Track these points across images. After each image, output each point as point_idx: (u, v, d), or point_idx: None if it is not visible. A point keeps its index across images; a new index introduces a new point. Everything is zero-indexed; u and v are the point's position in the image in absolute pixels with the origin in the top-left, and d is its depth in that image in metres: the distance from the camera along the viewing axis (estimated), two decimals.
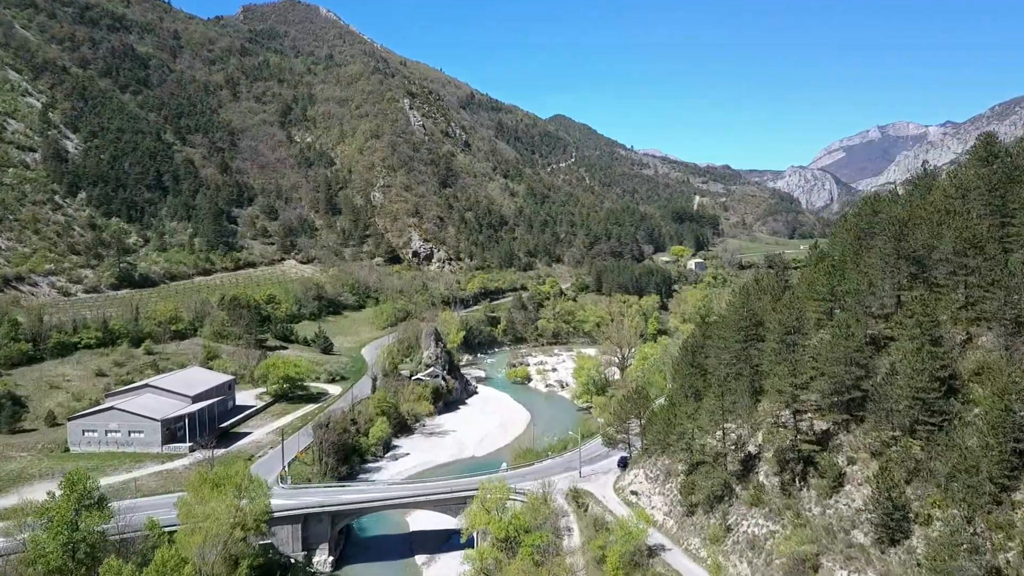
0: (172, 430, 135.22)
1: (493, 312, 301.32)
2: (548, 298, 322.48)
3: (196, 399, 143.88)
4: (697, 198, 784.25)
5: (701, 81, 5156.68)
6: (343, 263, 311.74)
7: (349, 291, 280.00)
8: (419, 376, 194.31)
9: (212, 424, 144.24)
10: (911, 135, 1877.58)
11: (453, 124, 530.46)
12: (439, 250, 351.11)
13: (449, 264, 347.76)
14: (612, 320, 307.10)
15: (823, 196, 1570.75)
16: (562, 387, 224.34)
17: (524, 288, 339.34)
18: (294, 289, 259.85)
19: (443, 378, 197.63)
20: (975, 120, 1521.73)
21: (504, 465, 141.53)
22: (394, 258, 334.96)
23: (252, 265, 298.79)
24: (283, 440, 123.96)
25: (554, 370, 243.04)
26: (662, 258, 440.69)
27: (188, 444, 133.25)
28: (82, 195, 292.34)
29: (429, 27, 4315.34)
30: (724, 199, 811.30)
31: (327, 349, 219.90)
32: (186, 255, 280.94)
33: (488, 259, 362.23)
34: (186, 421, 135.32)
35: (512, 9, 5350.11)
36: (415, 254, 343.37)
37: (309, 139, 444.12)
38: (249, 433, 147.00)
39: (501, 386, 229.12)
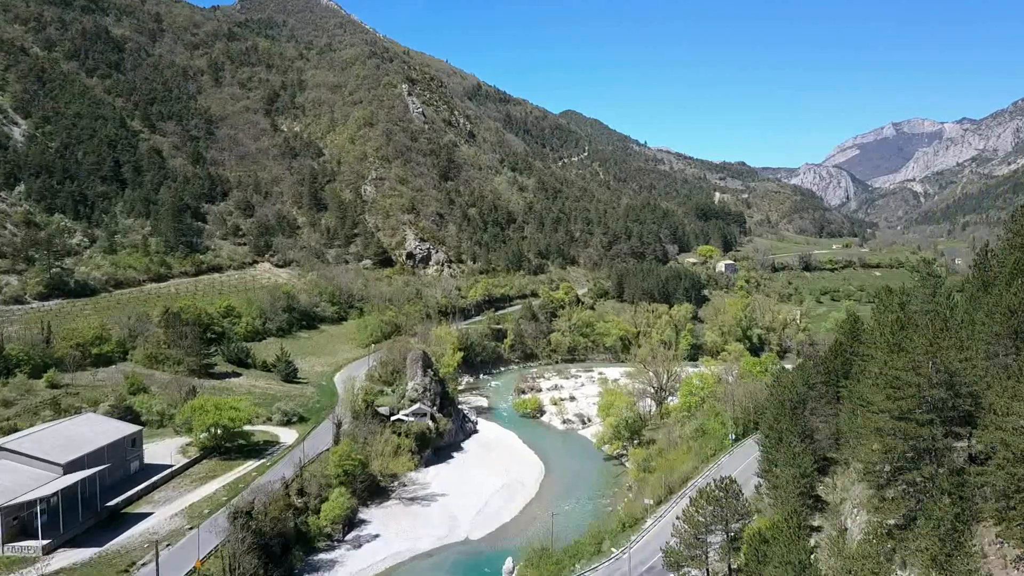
0: (23, 520, 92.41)
1: (498, 323, 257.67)
2: (563, 306, 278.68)
3: (72, 467, 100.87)
4: (717, 195, 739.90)
5: (712, 78, 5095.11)
6: (325, 267, 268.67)
7: (328, 300, 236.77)
8: (401, 415, 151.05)
9: (94, 502, 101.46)
10: (926, 132, 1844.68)
11: (457, 113, 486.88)
12: (437, 251, 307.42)
13: (449, 267, 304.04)
14: (638, 333, 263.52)
15: (839, 194, 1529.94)
16: (583, 423, 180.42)
17: (535, 295, 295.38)
18: (260, 299, 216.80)
19: (432, 416, 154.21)
20: (997, 115, 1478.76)
21: (509, 564, 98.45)
22: (385, 260, 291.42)
23: (218, 269, 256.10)
24: (157, 552, 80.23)
25: (571, 399, 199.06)
26: (688, 259, 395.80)
27: (43, 542, 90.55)
28: (20, 187, 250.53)
29: (434, 18, 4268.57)
30: (746, 196, 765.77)
31: (290, 376, 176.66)
32: (138, 258, 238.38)
33: (494, 261, 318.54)
34: (39, 505, 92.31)
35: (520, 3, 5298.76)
36: (409, 256, 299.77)
37: (297, 128, 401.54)
38: (150, 514, 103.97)
39: (507, 420, 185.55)
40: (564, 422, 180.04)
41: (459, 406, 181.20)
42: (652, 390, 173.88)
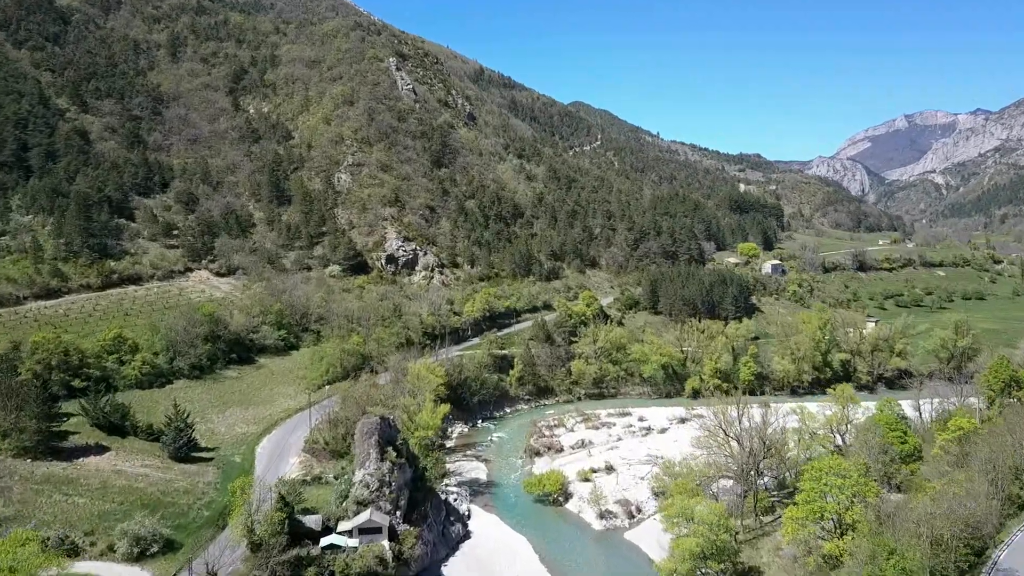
0: None
1: (502, 348, 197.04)
2: (584, 323, 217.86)
3: None
4: (742, 186, 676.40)
5: (721, 71, 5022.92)
6: (279, 275, 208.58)
7: (273, 323, 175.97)
8: (337, 537, 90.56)
9: None
10: (940, 124, 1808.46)
11: (455, 92, 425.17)
12: (426, 253, 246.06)
13: (440, 273, 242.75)
14: (686, 359, 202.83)
15: (855, 187, 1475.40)
16: (630, 516, 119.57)
17: (548, 307, 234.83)
18: (172, 323, 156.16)
19: (392, 531, 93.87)
20: (1020, 104, 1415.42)
21: None
22: (358, 266, 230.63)
23: (135, 280, 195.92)
24: None
25: (608, 469, 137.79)
26: (728, 259, 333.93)
27: None
28: None
29: (431, 4, 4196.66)
30: (773, 188, 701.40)
31: (183, 450, 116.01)
32: (23, 266, 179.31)
33: (496, 264, 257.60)
34: None
35: None
36: (390, 259, 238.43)
37: (265, 108, 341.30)
38: None
39: (516, 509, 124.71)
40: (601, 516, 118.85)
41: (443, 490, 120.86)
42: (736, 467, 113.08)
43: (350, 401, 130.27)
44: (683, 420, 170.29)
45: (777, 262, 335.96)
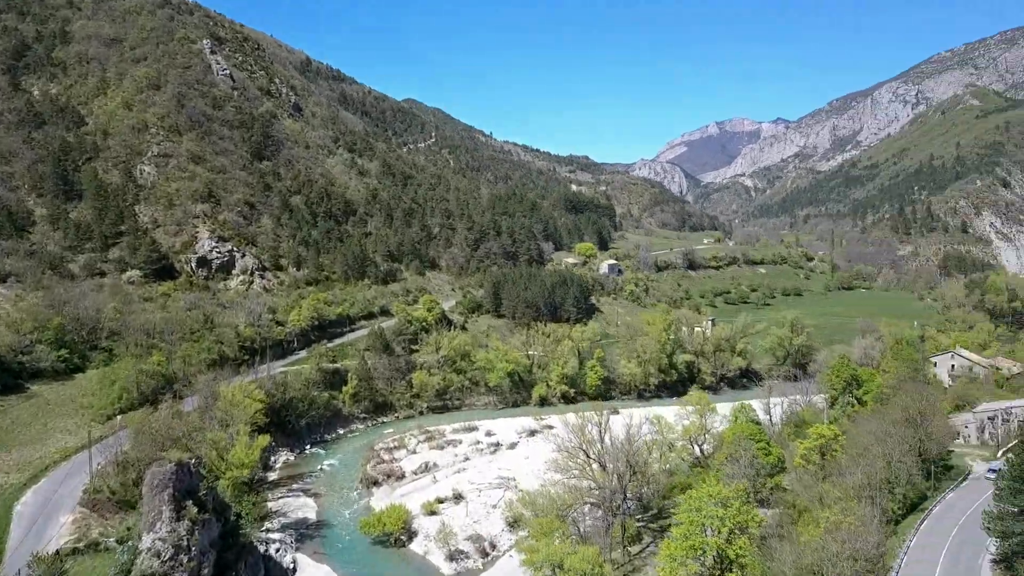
0: None
1: (334, 361, 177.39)
2: (426, 329, 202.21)
3: None
4: (574, 187, 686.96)
5: (545, 75, 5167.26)
6: (65, 283, 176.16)
7: (51, 340, 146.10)
8: None
9: None
10: (747, 131, 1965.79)
11: (279, 80, 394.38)
12: (245, 254, 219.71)
13: (261, 277, 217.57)
14: (532, 365, 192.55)
15: (674, 188, 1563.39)
16: (483, 555, 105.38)
17: (386, 313, 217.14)
18: None
19: None
20: (815, 114, 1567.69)
21: None
22: (164, 270, 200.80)
23: None
24: None
25: (456, 498, 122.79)
26: (567, 259, 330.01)
27: None
28: None
29: None
30: (604, 188, 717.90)
31: None
32: None
33: (327, 267, 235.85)
34: None
35: None
36: (202, 262, 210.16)
37: (54, 90, 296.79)
38: None
39: (350, 553, 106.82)
40: (451, 556, 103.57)
41: (263, 539, 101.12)
42: (600, 493, 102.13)
43: (145, 436, 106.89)
44: (533, 432, 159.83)
45: (614, 262, 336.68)
